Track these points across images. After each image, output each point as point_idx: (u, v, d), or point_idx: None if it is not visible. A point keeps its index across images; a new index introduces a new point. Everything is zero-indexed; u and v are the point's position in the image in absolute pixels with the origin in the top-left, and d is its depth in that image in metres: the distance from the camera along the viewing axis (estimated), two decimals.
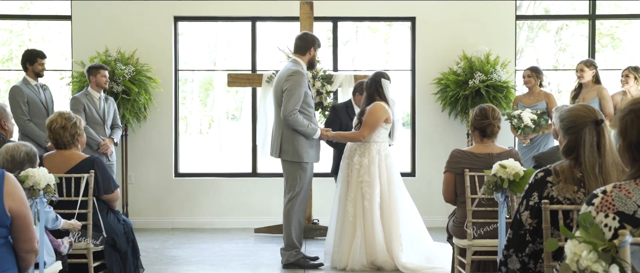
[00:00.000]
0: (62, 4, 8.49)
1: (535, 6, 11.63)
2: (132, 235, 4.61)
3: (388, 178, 5.52)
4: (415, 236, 5.57)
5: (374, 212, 5.41)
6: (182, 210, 7.65)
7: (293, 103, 5.33)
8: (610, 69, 10.28)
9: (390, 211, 5.45)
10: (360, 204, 5.46)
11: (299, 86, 5.36)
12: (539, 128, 6.52)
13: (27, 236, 2.64)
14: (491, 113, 4.39)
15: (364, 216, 5.43)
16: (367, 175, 5.46)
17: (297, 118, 5.35)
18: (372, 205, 5.42)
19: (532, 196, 2.74)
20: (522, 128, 6.53)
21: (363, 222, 5.43)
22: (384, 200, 5.47)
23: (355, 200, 5.49)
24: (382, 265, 5.39)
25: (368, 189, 5.44)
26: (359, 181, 5.49)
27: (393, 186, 5.53)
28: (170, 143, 7.67)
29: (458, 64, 7.38)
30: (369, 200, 5.43)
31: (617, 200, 2.03)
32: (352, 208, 5.48)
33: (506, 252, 2.76)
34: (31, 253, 2.68)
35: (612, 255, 1.86)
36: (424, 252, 5.53)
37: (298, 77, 5.38)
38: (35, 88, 6.40)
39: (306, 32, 5.75)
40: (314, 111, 5.72)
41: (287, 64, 5.66)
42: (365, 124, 5.49)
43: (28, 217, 2.62)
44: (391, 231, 5.41)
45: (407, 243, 5.45)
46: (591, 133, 2.70)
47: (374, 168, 5.48)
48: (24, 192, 2.68)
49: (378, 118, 5.47)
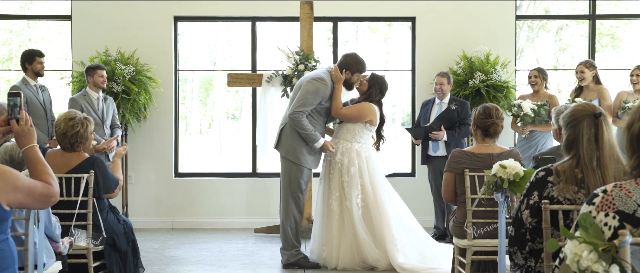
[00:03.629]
0: (62, 4, 8.49)
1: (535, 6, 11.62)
2: (132, 235, 4.62)
3: (371, 180, 5.54)
4: (409, 233, 5.60)
5: (354, 212, 5.43)
6: (182, 210, 7.65)
7: (302, 105, 5.36)
8: (610, 69, 10.27)
9: (379, 212, 5.46)
10: (344, 203, 5.49)
11: (316, 94, 5.39)
12: (538, 118, 6.51)
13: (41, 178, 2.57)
14: (495, 113, 4.42)
15: (349, 215, 5.45)
16: (347, 175, 5.50)
17: (302, 120, 5.37)
18: (353, 205, 5.44)
19: (533, 195, 2.76)
20: (521, 116, 6.53)
21: (349, 222, 5.46)
22: (370, 202, 5.49)
23: (340, 198, 5.52)
24: (373, 264, 5.40)
25: (348, 189, 5.48)
26: (340, 180, 5.52)
27: (377, 188, 5.55)
28: (170, 143, 7.67)
29: (458, 64, 7.39)
30: (350, 200, 5.47)
31: (617, 199, 2.04)
32: (337, 206, 5.51)
33: (511, 249, 2.81)
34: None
35: (612, 255, 1.86)
36: (417, 247, 5.54)
37: (320, 85, 5.41)
38: (34, 89, 6.40)
39: (355, 54, 5.60)
40: (325, 122, 5.69)
41: (322, 68, 5.73)
42: (350, 110, 5.56)
43: (28, 197, 2.53)
44: (383, 233, 5.41)
45: (401, 241, 5.46)
46: (589, 126, 2.74)
47: (354, 169, 5.51)
48: (13, 177, 2.45)
49: (363, 114, 5.54)
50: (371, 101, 5.61)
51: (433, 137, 6.63)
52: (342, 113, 5.54)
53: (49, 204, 2.61)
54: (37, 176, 2.56)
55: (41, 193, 2.52)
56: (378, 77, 5.66)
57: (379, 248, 5.40)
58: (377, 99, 5.63)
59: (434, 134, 6.60)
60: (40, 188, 2.52)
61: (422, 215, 7.54)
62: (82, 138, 4.37)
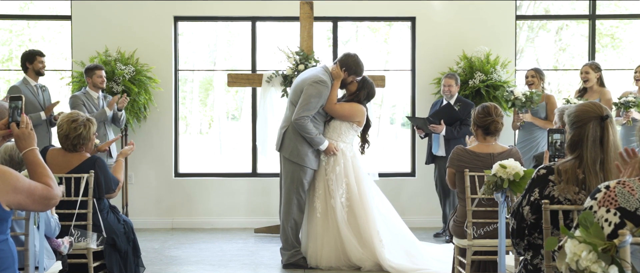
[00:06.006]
0: (62, 4, 8.49)
1: (535, 6, 11.62)
2: (133, 235, 4.62)
3: (357, 178, 5.57)
4: (394, 231, 5.62)
5: (338, 211, 5.45)
6: (182, 210, 7.64)
7: (306, 110, 5.37)
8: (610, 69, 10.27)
9: (364, 211, 5.48)
10: (329, 202, 5.50)
11: (318, 96, 5.41)
12: (529, 102, 6.52)
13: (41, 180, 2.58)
14: (494, 111, 4.44)
15: (333, 214, 5.47)
16: (332, 174, 5.52)
17: (307, 125, 5.38)
18: (337, 204, 5.45)
19: (534, 192, 2.75)
20: (512, 100, 6.56)
21: (333, 220, 5.47)
22: (355, 201, 5.50)
23: (324, 197, 5.53)
24: (357, 264, 5.41)
25: (333, 188, 5.50)
26: (325, 178, 5.53)
27: (363, 187, 5.56)
28: (170, 143, 7.67)
29: (458, 64, 7.38)
30: (334, 198, 5.48)
31: (619, 196, 2.04)
32: (320, 205, 5.52)
33: (514, 241, 2.83)
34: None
35: (612, 255, 1.86)
36: (403, 245, 5.57)
37: (322, 88, 5.42)
38: (34, 89, 6.41)
39: (357, 57, 5.59)
40: (324, 121, 5.68)
41: (319, 68, 5.71)
42: (343, 107, 5.58)
43: (27, 199, 2.53)
44: (370, 230, 5.43)
45: (386, 238, 5.48)
46: (595, 128, 2.71)
47: (340, 168, 5.53)
48: (13, 178, 2.44)
49: (354, 114, 5.57)
50: (358, 102, 5.63)
51: (431, 129, 6.69)
52: (335, 109, 5.56)
53: (49, 207, 2.60)
54: (37, 179, 2.56)
55: (41, 195, 2.52)
56: (369, 82, 5.70)
57: (364, 248, 5.41)
58: (363, 103, 5.68)
59: (432, 126, 6.65)
60: (40, 190, 2.52)
61: (422, 215, 7.56)
62: (84, 139, 4.36)
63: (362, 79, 5.67)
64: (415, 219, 7.30)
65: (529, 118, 6.62)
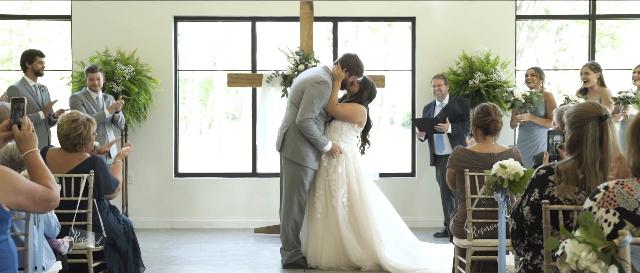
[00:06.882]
0: (62, 4, 8.49)
1: (535, 6, 11.62)
2: (133, 235, 4.62)
3: (357, 178, 5.57)
4: (394, 231, 5.62)
5: (339, 212, 5.44)
6: (182, 210, 7.64)
7: (309, 111, 5.37)
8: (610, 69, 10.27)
9: (365, 211, 5.48)
10: (330, 202, 5.49)
11: (321, 97, 5.41)
12: (529, 104, 6.53)
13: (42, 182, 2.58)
14: (493, 110, 4.44)
15: (334, 214, 5.46)
16: (334, 174, 5.51)
17: (311, 126, 5.38)
18: (338, 204, 5.45)
19: (533, 192, 2.75)
20: (511, 101, 6.58)
21: (334, 220, 5.46)
22: (356, 201, 5.50)
23: (324, 197, 5.53)
24: (357, 264, 5.41)
25: (335, 188, 5.50)
26: (327, 178, 5.52)
27: (363, 187, 5.57)
28: (170, 143, 7.67)
29: (458, 64, 7.39)
30: (336, 199, 5.48)
31: (618, 197, 2.04)
32: (321, 205, 5.52)
33: (514, 241, 2.83)
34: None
35: (612, 255, 1.86)
36: (403, 245, 5.57)
37: (324, 88, 5.42)
38: (32, 89, 6.41)
39: (357, 57, 5.60)
40: (325, 121, 5.68)
41: (319, 68, 5.70)
42: (345, 107, 5.59)
43: (28, 200, 2.53)
44: (370, 230, 5.43)
45: (386, 238, 5.49)
46: (595, 128, 2.71)
47: (342, 168, 5.53)
48: (14, 179, 2.44)
49: (356, 114, 5.58)
50: (360, 102, 5.63)
51: (438, 129, 6.69)
52: (337, 110, 5.56)
53: (49, 208, 2.61)
54: (37, 181, 2.57)
55: (41, 196, 2.52)
56: (371, 82, 5.71)
57: (364, 249, 5.41)
58: (365, 103, 5.68)
59: (439, 126, 6.67)
60: (41, 192, 2.52)
61: (422, 215, 7.56)
62: (84, 139, 4.37)
63: (364, 79, 5.67)
64: (415, 219, 7.31)
65: (527, 117, 6.63)
